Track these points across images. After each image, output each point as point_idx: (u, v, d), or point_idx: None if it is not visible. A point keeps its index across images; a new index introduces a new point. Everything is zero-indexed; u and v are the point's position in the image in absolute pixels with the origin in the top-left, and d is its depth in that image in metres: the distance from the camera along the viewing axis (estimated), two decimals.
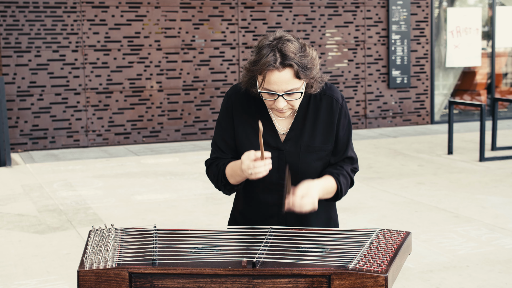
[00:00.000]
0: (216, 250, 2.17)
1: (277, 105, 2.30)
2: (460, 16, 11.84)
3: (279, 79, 2.25)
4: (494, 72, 12.35)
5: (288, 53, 2.24)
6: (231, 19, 10.41)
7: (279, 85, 2.26)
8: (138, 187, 7.06)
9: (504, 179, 7.19)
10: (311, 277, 1.98)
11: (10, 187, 7.17)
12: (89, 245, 2.22)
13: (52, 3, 9.51)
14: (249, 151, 2.31)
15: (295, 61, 2.24)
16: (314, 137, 2.42)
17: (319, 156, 2.43)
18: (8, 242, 5.24)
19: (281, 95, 2.28)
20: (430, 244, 4.98)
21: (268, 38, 2.30)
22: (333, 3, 10.96)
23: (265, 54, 2.24)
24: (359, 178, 7.31)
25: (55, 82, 9.61)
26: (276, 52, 2.24)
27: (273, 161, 2.38)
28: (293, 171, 2.40)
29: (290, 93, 2.29)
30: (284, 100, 2.30)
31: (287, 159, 2.41)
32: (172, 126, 10.25)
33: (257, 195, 2.47)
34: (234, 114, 2.45)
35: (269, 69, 2.24)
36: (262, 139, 2.25)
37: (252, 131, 2.43)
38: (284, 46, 2.25)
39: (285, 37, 2.29)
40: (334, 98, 2.44)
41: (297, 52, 2.26)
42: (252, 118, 2.43)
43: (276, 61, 2.23)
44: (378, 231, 2.29)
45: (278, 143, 2.42)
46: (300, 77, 2.27)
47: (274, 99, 2.30)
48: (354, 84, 11.21)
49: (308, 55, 2.29)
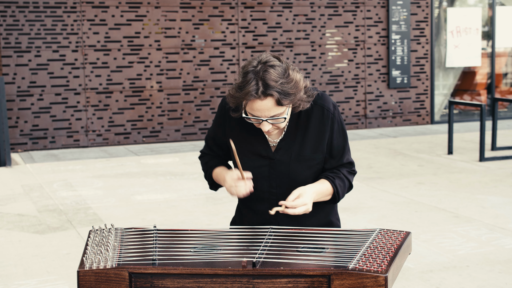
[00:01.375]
0: (216, 250, 2.17)
1: (262, 128, 2.36)
2: (460, 16, 11.84)
3: (261, 107, 2.31)
4: (494, 72, 12.35)
5: (269, 82, 2.27)
6: (231, 19, 10.41)
7: (262, 112, 2.32)
8: (138, 187, 7.06)
9: (504, 179, 7.19)
10: (311, 277, 1.98)
11: (10, 187, 7.17)
12: (89, 245, 2.22)
13: (52, 3, 9.51)
14: (232, 171, 2.43)
15: (277, 90, 2.28)
16: (304, 146, 2.46)
17: (309, 165, 2.46)
18: (8, 242, 5.24)
19: (265, 120, 2.33)
20: (430, 244, 4.98)
21: (252, 63, 2.33)
22: (333, 3, 10.96)
23: (248, 81, 2.28)
24: (359, 178, 7.31)
25: (55, 82, 9.61)
26: (258, 81, 2.28)
27: (264, 170, 2.45)
28: (283, 180, 2.44)
29: (274, 119, 2.33)
30: (269, 124, 2.35)
31: (278, 168, 2.45)
32: (172, 126, 10.26)
33: (250, 204, 2.52)
34: (227, 122, 2.53)
35: (251, 99, 2.29)
36: (238, 159, 2.36)
37: (244, 140, 2.49)
38: (265, 75, 2.28)
39: (270, 62, 2.31)
40: (325, 107, 2.47)
41: (278, 80, 2.28)
42: (243, 125, 2.49)
43: (257, 90, 2.27)
44: (378, 231, 2.29)
45: (268, 152, 2.46)
46: (282, 103, 2.30)
47: (259, 123, 2.36)
48: (354, 84, 11.21)
49: (291, 81, 2.32)
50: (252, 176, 2.44)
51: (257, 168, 2.45)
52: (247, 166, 2.46)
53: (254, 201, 2.49)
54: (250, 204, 2.51)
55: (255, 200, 2.49)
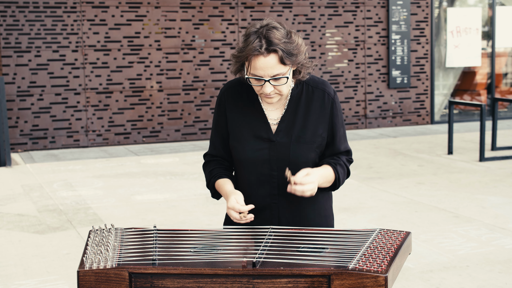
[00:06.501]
0: (216, 250, 2.17)
1: (264, 90, 2.38)
2: (460, 16, 11.84)
3: (265, 64, 2.33)
4: (494, 72, 12.35)
5: (273, 39, 2.32)
6: (231, 19, 10.41)
7: (265, 70, 2.34)
8: (138, 187, 7.06)
9: (504, 179, 7.19)
10: (311, 277, 1.98)
11: (10, 187, 7.17)
12: (89, 245, 2.22)
13: (52, 3, 9.51)
14: (237, 195, 2.40)
15: (280, 47, 2.32)
16: (305, 128, 2.47)
17: (309, 147, 2.47)
18: (8, 242, 5.24)
19: (267, 80, 2.35)
20: (430, 244, 4.98)
21: (255, 25, 2.39)
22: (333, 3, 10.96)
23: (252, 40, 2.33)
24: (359, 178, 7.31)
25: (55, 82, 9.61)
26: (261, 39, 2.33)
27: (264, 152, 2.46)
28: (284, 162, 2.46)
29: (276, 78, 2.36)
30: (271, 85, 2.37)
31: (278, 149, 2.46)
32: (172, 126, 10.25)
33: (249, 188, 2.51)
34: (227, 109, 2.53)
35: (255, 54, 2.33)
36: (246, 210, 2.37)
37: (244, 123, 2.50)
38: (269, 33, 2.33)
39: (271, 24, 2.38)
40: (326, 91, 2.51)
41: (282, 39, 2.34)
42: (244, 110, 2.51)
43: (261, 47, 2.32)
44: (378, 231, 2.29)
45: (269, 134, 2.48)
46: (285, 62, 2.34)
47: (261, 85, 2.38)
48: (354, 84, 11.21)
49: (294, 42, 2.37)
50: (254, 159, 2.46)
51: (258, 151, 2.47)
52: (247, 149, 2.47)
53: (254, 185, 2.50)
54: (250, 187, 2.50)
55: (255, 184, 2.49)
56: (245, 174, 2.50)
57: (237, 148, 2.49)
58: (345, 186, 6.87)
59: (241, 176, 2.53)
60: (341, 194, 6.55)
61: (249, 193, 2.51)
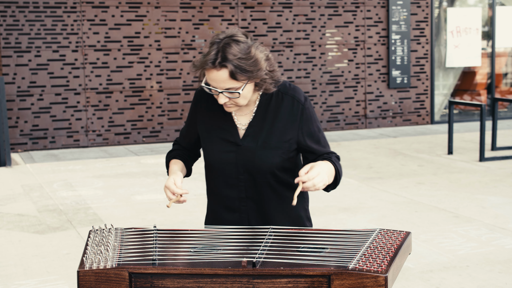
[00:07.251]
0: (216, 250, 2.17)
1: (219, 100, 2.41)
2: (460, 16, 11.84)
3: (216, 78, 2.36)
4: (494, 72, 12.35)
5: (227, 54, 2.34)
6: (231, 19, 10.41)
7: (217, 83, 2.37)
8: (138, 187, 7.06)
9: (504, 179, 7.19)
10: (311, 277, 1.98)
11: (10, 187, 7.17)
12: (89, 245, 2.22)
13: (52, 3, 9.51)
14: (177, 176, 2.50)
15: (233, 63, 2.33)
16: (271, 134, 2.49)
17: (275, 153, 2.49)
18: (8, 242, 5.24)
19: (221, 92, 2.38)
20: (430, 244, 4.98)
21: (219, 36, 2.40)
22: (333, 3, 10.96)
23: (209, 52, 2.37)
24: (359, 178, 7.31)
25: (55, 82, 9.61)
26: (218, 52, 2.35)
27: (231, 156, 2.50)
28: (249, 167, 2.49)
29: (230, 92, 2.37)
30: (225, 97, 2.40)
31: (245, 153, 2.49)
32: (172, 126, 10.25)
33: (218, 190, 2.57)
34: (198, 110, 2.59)
35: (207, 67, 2.35)
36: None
37: (214, 126, 2.55)
38: (226, 47, 2.35)
39: (234, 37, 2.38)
40: (295, 99, 2.51)
41: (237, 54, 2.34)
42: (215, 113, 2.55)
43: (215, 61, 2.34)
44: (378, 231, 2.29)
45: (236, 139, 2.51)
46: (237, 78, 2.35)
47: (216, 95, 2.42)
48: (354, 84, 11.21)
49: (251, 58, 2.36)
50: (221, 161, 2.51)
51: (225, 153, 2.51)
52: (215, 151, 2.51)
53: (222, 187, 2.54)
54: (219, 189, 2.55)
55: (223, 186, 2.54)
56: (214, 176, 2.56)
57: (206, 150, 2.55)
58: (345, 186, 6.87)
59: (211, 178, 2.59)
60: (341, 194, 6.56)
61: (219, 194, 2.57)
